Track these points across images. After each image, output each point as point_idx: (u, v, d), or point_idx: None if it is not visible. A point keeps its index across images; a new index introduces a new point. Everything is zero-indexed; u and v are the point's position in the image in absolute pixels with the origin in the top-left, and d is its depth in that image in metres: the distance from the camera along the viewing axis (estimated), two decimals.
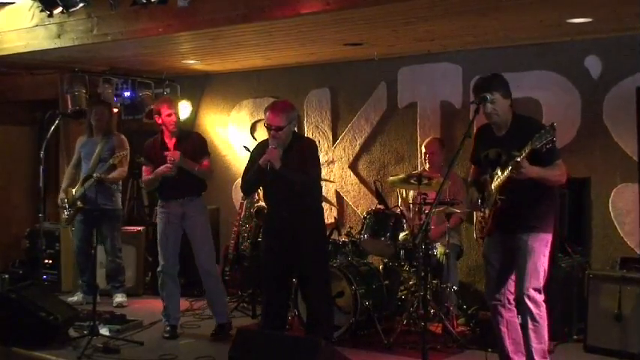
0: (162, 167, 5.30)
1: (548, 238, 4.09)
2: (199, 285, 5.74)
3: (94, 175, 6.16)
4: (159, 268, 5.54)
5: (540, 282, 4.05)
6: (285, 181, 4.67)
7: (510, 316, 4.19)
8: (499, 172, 4.00)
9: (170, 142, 5.42)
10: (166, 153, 5.30)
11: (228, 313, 5.67)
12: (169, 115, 5.38)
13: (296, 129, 5.08)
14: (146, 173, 5.50)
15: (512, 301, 4.18)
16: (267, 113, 4.76)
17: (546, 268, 4.08)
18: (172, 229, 5.44)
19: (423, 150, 6.07)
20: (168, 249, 5.45)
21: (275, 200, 4.88)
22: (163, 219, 5.47)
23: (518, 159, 3.78)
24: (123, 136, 6.59)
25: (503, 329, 4.19)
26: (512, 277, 4.15)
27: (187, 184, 5.38)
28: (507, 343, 4.19)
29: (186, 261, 5.65)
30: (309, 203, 4.84)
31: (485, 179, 4.13)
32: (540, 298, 4.05)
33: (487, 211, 4.14)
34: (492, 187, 4.06)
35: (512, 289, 4.17)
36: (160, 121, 5.42)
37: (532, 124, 4.04)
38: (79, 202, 6.36)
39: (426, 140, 6.12)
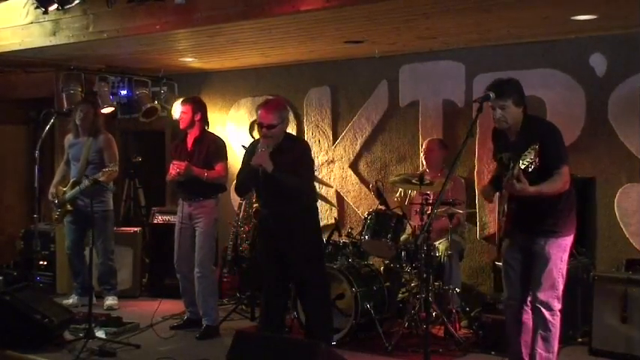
0: (169, 174, 5.50)
1: (567, 242, 4.02)
2: None
3: (81, 185, 6.08)
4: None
5: (557, 289, 3.99)
6: (277, 183, 4.62)
7: (526, 318, 4.13)
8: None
9: (189, 141, 5.61)
10: (174, 162, 5.48)
11: (216, 318, 5.64)
12: (183, 112, 5.60)
13: (290, 129, 5.01)
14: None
15: (528, 303, 4.12)
16: (260, 111, 4.73)
17: (564, 273, 4.02)
18: (182, 230, 5.61)
19: (422, 149, 6.04)
20: (178, 248, 5.65)
21: (268, 201, 4.85)
22: (177, 219, 5.70)
23: (509, 181, 3.74)
24: (110, 136, 6.49)
25: (518, 332, 4.13)
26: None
27: (195, 187, 5.52)
28: (522, 345, 4.13)
29: None
30: (303, 204, 4.78)
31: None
32: (556, 306, 3.99)
33: (502, 214, 4.08)
34: (503, 194, 3.98)
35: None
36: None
37: (541, 129, 3.94)
38: (68, 205, 6.31)
39: (426, 142, 6.07)
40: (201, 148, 5.55)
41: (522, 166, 3.68)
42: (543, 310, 3.96)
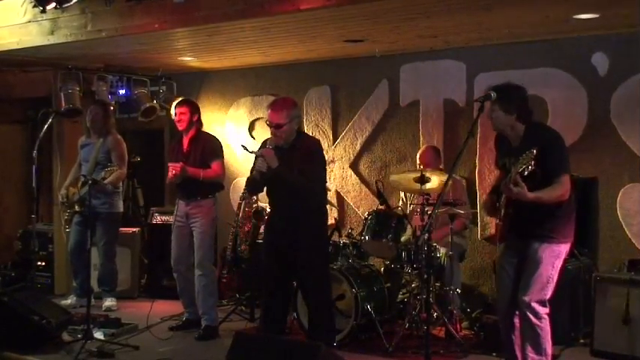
0: (169, 176, 5.52)
1: (562, 249, 3.99)
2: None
3: (81, 192, 6.07)
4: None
5: (545, 294, 3.96)
6: (285, 182, 4.61)
7: (517, 321, 4.09)
8: None
9: (185, 142, 5.65)
10: (170, 164, 5.50)
11: (216, 318, 5.62)
12: (182, 114, 5.62)
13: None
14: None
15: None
16: (269, 110, 4.75)
17: (555, 279, 3.98)
18: (179, 229, 5.62)
19: (417, 161, 5.91)
20: (175, 247, 5.66)
21: (276, 200, 4.84)
22: (174, 218, 5.71)
23: (507, 185, 3.73)
24: (118, 136, 6.49)
25: (512, 336, 4.11)
26: None
27: (193, 187, 5.53)
28: (516, 350, 4.11)
29: None
30: (311, 204, 4.76)
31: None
32: (542, 310, 3.96)
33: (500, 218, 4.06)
34: (502, 200, 3.96)
35: None
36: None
37: (544, 136, 3.92)
38: (77, 206, 6.31)
39: (420, 150, 6.00)
40: (197, 147, 5.58)
41: (519, 169, 3.68)
42: (530, 315, 3.93)
